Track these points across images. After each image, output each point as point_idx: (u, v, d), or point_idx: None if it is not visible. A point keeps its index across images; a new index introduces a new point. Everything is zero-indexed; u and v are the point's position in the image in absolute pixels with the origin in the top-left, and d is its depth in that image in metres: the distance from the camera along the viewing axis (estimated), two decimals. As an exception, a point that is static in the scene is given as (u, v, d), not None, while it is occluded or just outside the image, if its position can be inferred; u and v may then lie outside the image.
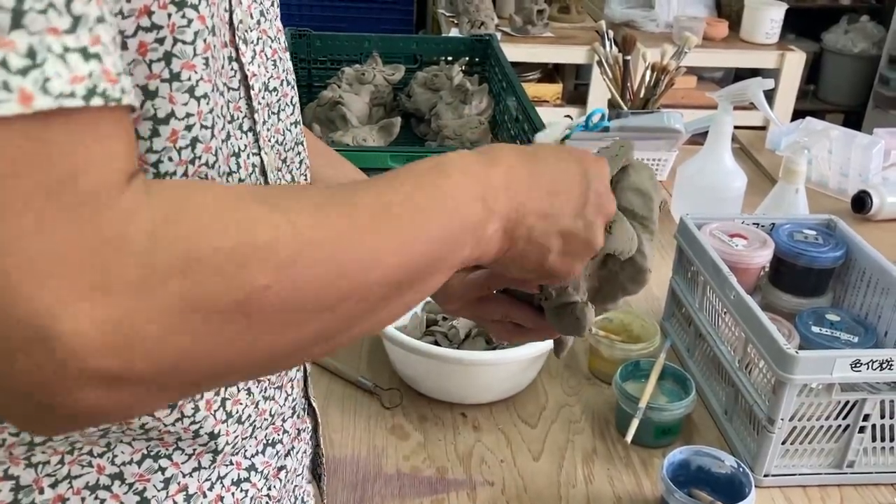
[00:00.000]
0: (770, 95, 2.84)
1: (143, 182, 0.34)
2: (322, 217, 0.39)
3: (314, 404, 0.69)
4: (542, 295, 0.65)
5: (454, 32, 2.97)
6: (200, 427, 0.51)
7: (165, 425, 0.49)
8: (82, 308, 0.31)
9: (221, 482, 0.55)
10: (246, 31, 0.51)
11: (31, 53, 0.30)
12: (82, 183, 0.32)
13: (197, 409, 0.50)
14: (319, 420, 0.71)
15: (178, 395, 0.42)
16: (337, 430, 0.92)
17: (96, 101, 0.32)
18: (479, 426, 0.94)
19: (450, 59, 1.67)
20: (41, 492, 0.48)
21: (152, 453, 0.51)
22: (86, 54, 0.32)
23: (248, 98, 0.52)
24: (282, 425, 0.61)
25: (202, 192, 0.36)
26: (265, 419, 0.58)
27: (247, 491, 0.57)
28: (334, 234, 0.39)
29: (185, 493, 0.52)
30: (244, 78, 0.51)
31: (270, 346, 0.37)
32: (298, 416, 0.64)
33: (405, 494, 0.84)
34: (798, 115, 2.30)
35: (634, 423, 0.89)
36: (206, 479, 0.54)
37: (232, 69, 0.50)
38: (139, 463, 0.50)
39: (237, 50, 0.50)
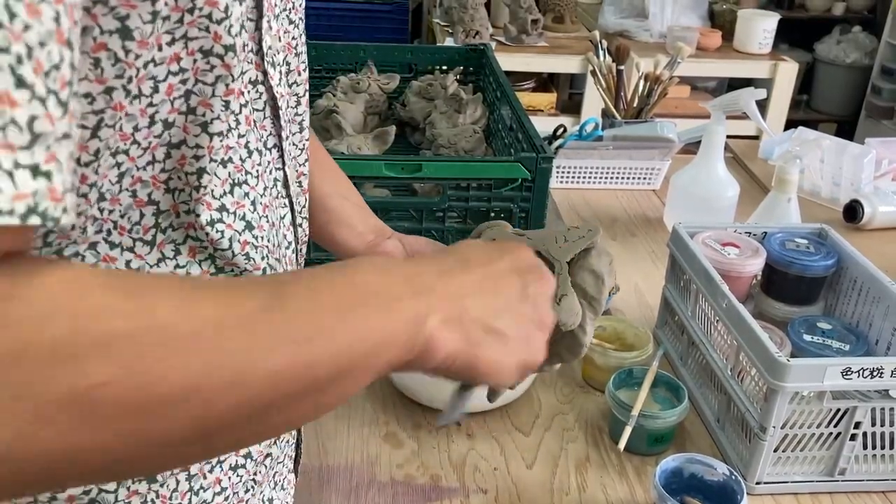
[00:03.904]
0: (763, 105, 2.86)
1: None
2: (190, 308, 0.36)
3: None
4: None
5: (449, 42, 2.98)
6: None
7: None
8: None
9: (220, 466, 0.56)
10: (274, 54, 0.53)
11: None
12: None
13: None
14: None
15: (24, 487, 0.36)
16: (331, 438, 0.92)
17: (33, 220, 0.31)
18: (472, 434, 0.94)
19: (444, 68, 1.68)
20: None
21: None
22: (36, 171, 0.31)
23: (276, 117, 0.54)
24: None
25: (48, 273, 0.34)
26: None
27: (241, 476, 0.59)
28: (199, 327, 0.36)
29: (187, 472, 0.54)
30: (271, 98, 0.53)
31: (112, 445, 0.34)
32: None
33: (398, 502, 0.84)
34: (791, 124, 2.31)
35: (627, 431, 0.89)
36: (207, 462, 0.55)
37: (258, 92, 0.52)
38: None
39: (265, 74, 0.52)
